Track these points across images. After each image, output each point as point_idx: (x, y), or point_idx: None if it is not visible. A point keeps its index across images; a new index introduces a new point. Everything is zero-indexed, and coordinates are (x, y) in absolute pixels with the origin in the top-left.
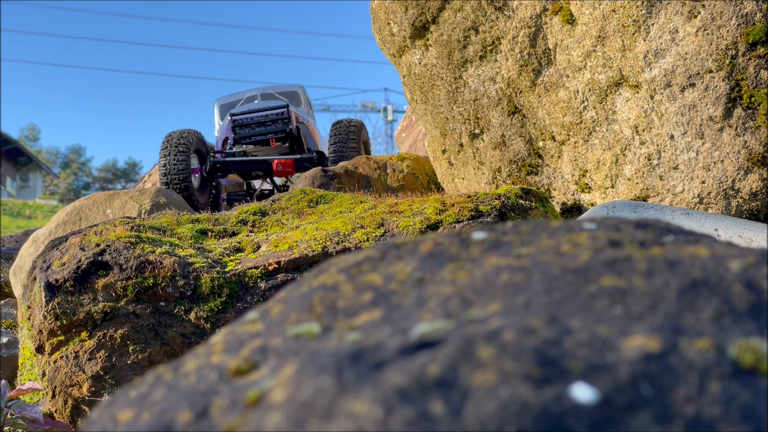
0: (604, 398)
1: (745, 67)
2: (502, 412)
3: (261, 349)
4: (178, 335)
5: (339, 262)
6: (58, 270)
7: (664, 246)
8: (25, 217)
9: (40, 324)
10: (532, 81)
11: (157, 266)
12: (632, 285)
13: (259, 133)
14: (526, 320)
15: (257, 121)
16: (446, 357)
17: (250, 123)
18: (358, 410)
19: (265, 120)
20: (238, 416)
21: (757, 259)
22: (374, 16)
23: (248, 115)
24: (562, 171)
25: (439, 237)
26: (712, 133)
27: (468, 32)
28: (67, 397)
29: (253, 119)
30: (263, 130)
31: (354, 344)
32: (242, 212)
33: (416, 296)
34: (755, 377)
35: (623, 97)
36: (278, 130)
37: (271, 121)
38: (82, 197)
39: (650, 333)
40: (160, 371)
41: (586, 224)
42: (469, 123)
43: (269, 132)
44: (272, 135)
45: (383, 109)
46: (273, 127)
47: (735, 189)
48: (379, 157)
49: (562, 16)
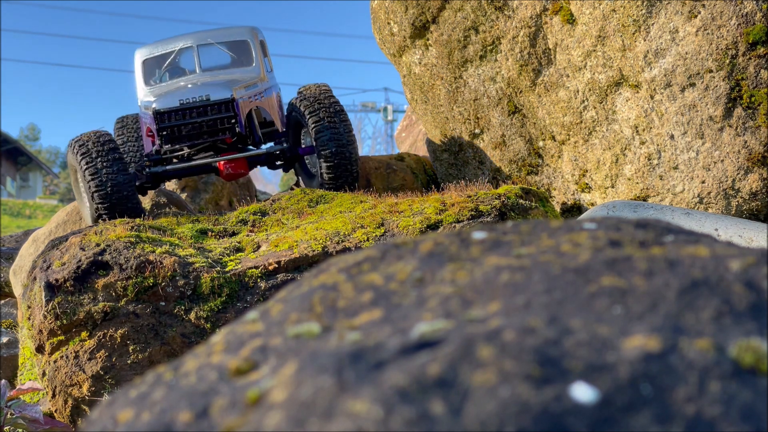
0: (604, 398)
1: (745, 66)
2: (503, 411)
3: (261, 348)
4: (178, 335)
5: (339, 262)
6: (58, 270)
7: (665, 246)
8: (25, 217)
9: (40, 324)
10: (532, 81)
11: (157, 266)
12: (632, 285)
13: (197, 142)
14: (526, 320)
15: (192, 124)
16: (446, 357)
17: (182, 126)
18: (358, 410)
19: (201, 126)
20: (238, 416)
21: (757, 258)
22: (374, 15)
23: (179, 121)
24: (562, 171)
25: (439, 237)
26: (712, 133)
27: (468, 32)
28: (67, 396)
29: (186, 123)
30: (202, 140)
31: (354, 344)
32: (242, 212)
33: (416, 296)
34: (755, 377)
35: (623, 97)
36: (221, 139)
37: (209, 127)
38: None
39: (650, 333)
40: (160, 371)
41: (586, 224)
42: (469, 123)
43: (208, 142)
44: (214, 140)
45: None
46: (214, 135)
47: (735, 189)
48: (379, 156)
49: (562, 15)
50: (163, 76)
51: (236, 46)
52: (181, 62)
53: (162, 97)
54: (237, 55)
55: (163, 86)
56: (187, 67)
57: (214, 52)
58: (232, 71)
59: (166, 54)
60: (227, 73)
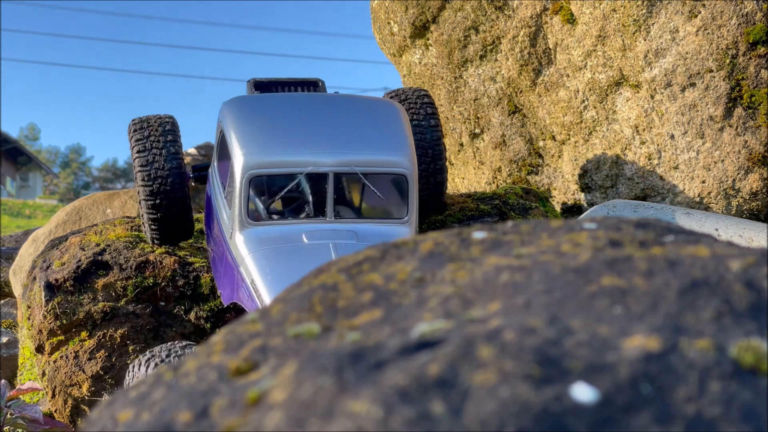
0: (604, 398)
1: (746, 66)
2: (503, 411)
3: (261, 348)
4: (178, 335)
5: (339, 262)
6: (58, 270)
7: (665, 246)
8: (25, 217)
9: (40, 324)
10: (533, 80)
11: (157, 266)
12: (632, 285)
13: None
14: (526, 320)
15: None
16: (446, 357)
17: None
18: (358, 410)
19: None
20: (238, 416)
21: (758, 258)
22: (374, 15)
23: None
24: (562, 170)
25: (439, 237)
26: (713, 133)
27: (468, 32)
28: (67, 396)
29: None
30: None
31: (354, 344)
32: None
33: (416, 296)
34: (755, 377)
35: (623, 97)
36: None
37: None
38: (82, 197)
39: (650, 333)
40: (160, 371)
41: (586, 224)
42: (469, 122)
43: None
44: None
45: None
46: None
47: (735, 189)
48: None
49: (563, 15)
50: (272, 207)
51: (389, 183)
52: (305, 191)
53: (274, 273)
54: (387, 197)
55: (273, 234)
56: (313, 206)
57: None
58: (377, 227)
59: (285, 176)
60: (371, 230)
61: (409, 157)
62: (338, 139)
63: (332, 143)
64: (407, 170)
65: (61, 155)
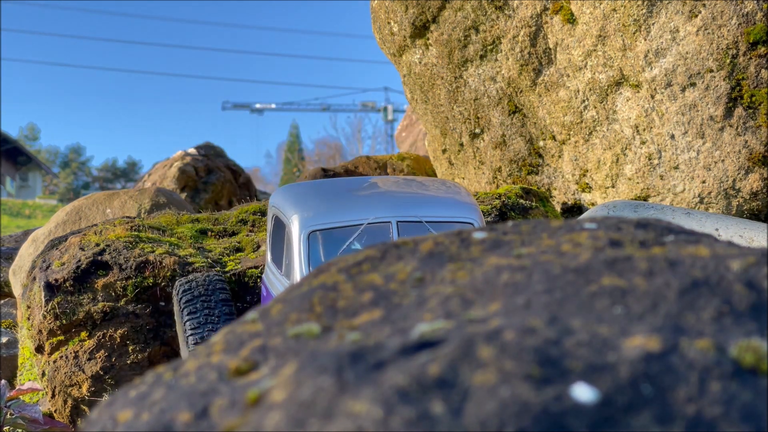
0: (604, 398)
1: (746, 66)
2: (503, 412)
3: (261, 348)
4: (177, 335)
5: (339, 262)
6: (58, 270)
7: (665, 246)
8: (25, 217)
9: (40, 324)
10: (533, 80)
11: (157, 266)
12: (633, 285)
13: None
14: (526, 320)
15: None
16: (446, 357)
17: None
18: (358, 410)
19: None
20: (238, 416)
21: (758, 258)
22: (374, 15)
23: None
24: (562, 170)
25: (439, 237)
26: (713, 133)
27: (468, 31)
28: (66, 396)
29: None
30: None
31: (354, 344)
32: (242, 212)
33: (416, 296)
34: (756, 377)
35: (624, 97)
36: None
37: None
38: (81, 197)
39: (651, 333)
40: (160, 371)
41: (586, 224)
42: (470, 122)
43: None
44: None
45: (383, 109)
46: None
47: (736, 189)
48: (379, 156)
49: (563, 15)
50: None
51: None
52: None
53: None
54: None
55: None
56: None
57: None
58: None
59: (345, 229)
60: None
61: (478, 214)
62: (402, 201)
63: (395, 204)
64: (474, 221)
65: (61, 155)
